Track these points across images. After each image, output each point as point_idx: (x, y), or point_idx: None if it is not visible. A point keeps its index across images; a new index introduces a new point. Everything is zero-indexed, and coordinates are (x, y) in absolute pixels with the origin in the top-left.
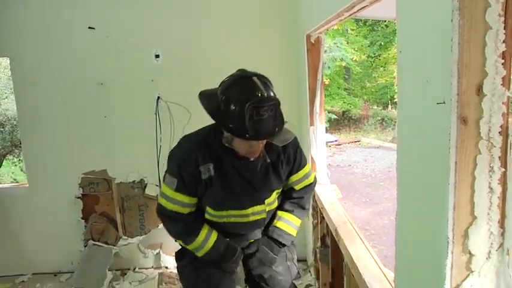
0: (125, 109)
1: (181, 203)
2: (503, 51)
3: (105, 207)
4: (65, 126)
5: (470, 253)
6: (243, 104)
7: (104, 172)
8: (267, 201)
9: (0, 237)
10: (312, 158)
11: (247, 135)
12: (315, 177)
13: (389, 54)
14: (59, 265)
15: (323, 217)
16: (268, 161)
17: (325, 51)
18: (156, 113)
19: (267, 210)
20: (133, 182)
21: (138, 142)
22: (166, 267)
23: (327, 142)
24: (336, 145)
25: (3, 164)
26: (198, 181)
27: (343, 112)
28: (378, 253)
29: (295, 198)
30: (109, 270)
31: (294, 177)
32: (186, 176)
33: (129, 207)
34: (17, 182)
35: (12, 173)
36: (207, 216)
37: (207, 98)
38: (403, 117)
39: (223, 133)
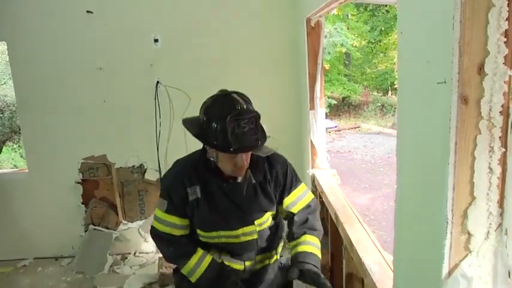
0: (124, 94)
1: (173, 224)
2: (505, 30)
3: (105, 192)
4: (64, 112)
5: (469, 233)
6: (224, 119)
7: (103, 157)
8: (257, 222)
9: (2, 222)
10: (311, 142)
11: (231, 149)
12: (314, 199)
13: (389, 40)
14: (60, 250)
15: (322, 201)
16: (254, 181)
17: (326, 36)
18: (155, 98)
19: (257, 230)
20: (133, 166)
21: (138, 127)
22: None
23: (326, 128)
24: (335, 131)
25: (3, 150)
26: (186, 203)
27: (343, 98)
28: (378, 238)
29: (300, 224)
30: (109, 255)
31: (288, 200)
32: (175, 197)
33: (129, 192)
34: (17, 168)
35: (12, 159)
36: (200, 237)
37: (190, 123)
38: (404, 99)
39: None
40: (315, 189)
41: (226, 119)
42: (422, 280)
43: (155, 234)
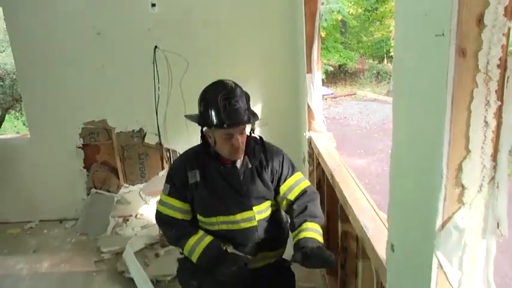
0: (123, 59)
1: (174, 207)
2: None
3: (106, 156)
4: (63, 77)
5: (463, 186)
6: (216, 99)
7: (103, 122)
8: (255, 208)
9: (8, 186)
10: (308, 106)
11: (224, 125)
12: (311, 186)
13: (386, 8)
14: (64, 213)
15: (319, 163)
16: (250, 166)
17: (322, 3)
18: (153, 63)
19: (256, 218)
20: (133, 131)
21: (137, 92)
22: None
23: (323, 95)
24: (332, 98)
25: (6, 118)
26: (186, 186)
27: (339, 66)
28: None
29: (299, 212)
30: (112, 217)
31: (284, 187)
32: (176, 181)
33: (129, 156)
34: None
35: (15, 126)
36: (201, 225)
37: (191, 116)
38: (400, 53)
39: (208, 143)
40: (312, 151)
41: (218, 97)
42: (416, 234)
43: (159, 217)
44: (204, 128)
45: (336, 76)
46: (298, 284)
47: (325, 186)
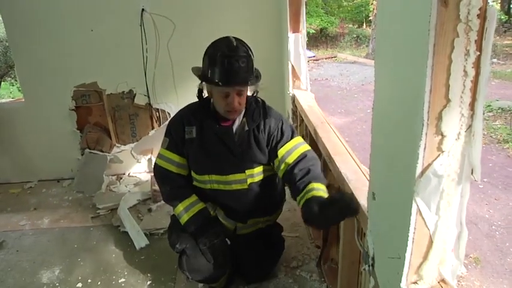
0: (111, 22)
1: (171, 160)
2: None
3: (97, 117)
4: (54, 42)
5: (442, 134)
6: (216, 55)
7: (94, 84)
8: (248, 171)
9: (7, 148)
10: (292, 65)
11: (220, 83)
12: (311, 150)
13: None
14: (61, 172)
15: (302, 120)
16: (247, 128)
17: None
18: (140, 25)
19: (248, 181)
20: (123, 92)
21: (125, 54)
22: None
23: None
24: (313, 60)
25: (1, 86)
26: (183, 141)
27: (321, 29)
28: None
29: (303, 175)
30: (106, 175)
31: (283, 150)
32: (174, 135)
33: (120, 117)
34: None
35: (11, 92)
36: (194, 183)
37: (196, 69)
38: (384, 3)
39: (208, 101)
40: (295, 108)
41: (217, 54)
42: (397, 181)
43: (156, 170)
44: (204, 83)
45: (317, 39)
46: (284, 235)
47: (308, 141)
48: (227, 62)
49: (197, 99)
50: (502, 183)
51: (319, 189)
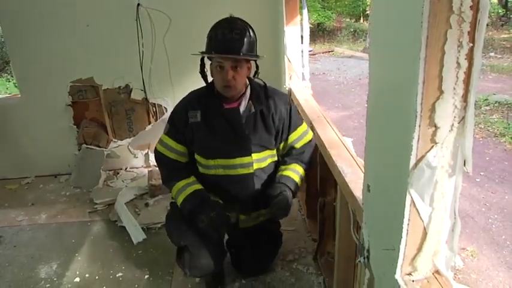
0: (106, 17)
1: (169, 147)
2: None
3: (94, 113)
4: (49, 37)
5: (435, 126)
6: (213, 28)
7: (90, 79)
8: (254, 155)
9: (4, 145)
10: (287, 58)
11: (213, 52)
12: (313, 137)
13: None
14: (58, 168)
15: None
16: (253, 110)
17: None
18: (136, 20)
19: (254, 166)
20: (119, 87)
21: (121, 49)
22: (155, 166)
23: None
24: (311, 55)
25: None
26: (186, 126)
27: (318, 24)
28: None
29: (295, 154)
30: (103, 171)
31: (293, 136)
32: (176, 121)
33: (117, 112)
34: None
35: (7, 88)
36: (199, 169)
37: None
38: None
39: (213, 85)
40: (291, 102)
41: (216, 26)
42: (391, 173)
43: (156, 155)
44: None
45: (314, 34)
46: (281, 228)
47: None
48: (221, 33)
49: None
50: (499, 177)
51: (294, 171)
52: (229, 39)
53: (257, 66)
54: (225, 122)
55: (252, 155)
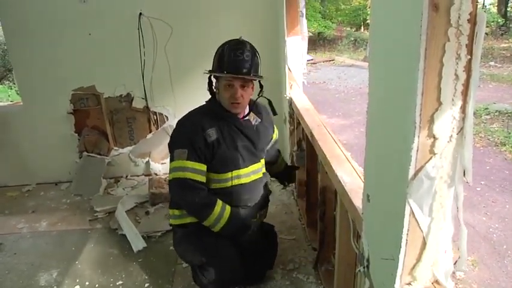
0: (109, 26)
1: (194, 169)
2: None
3: (95, 121)
4: (52, 46)
5: (434, 137)
6: (224, 48)
7: (92, 88)
8: (262, 160)
9: (6, 152)
10: (288, 68)
11: (225, 72)
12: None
13: None
14: (59, 175)
15: (299, 122)
16: (259, 120)
17: None
18: (138, 29)
19: (262, 170)
20: (121, 96)
21: (123, 57)
22: (156, 174)
23: None
24: (311, 64)
25: (0, 89)
26: (206, 146)
27: (319, 33)
28: None
29: (276, 153)
30: (103, 178)
31: (274, 136)
32: (196, 143)
33: (118, 120)
34: None
35: (9, 95)
36: (213, 185)
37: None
38: (376, 7)
39: (214, 103)
40: (292, 111)
41: (225, 47)
42: (390, 183)
43: (178, 184)
44: (214, 82)
45: (315, 43)
46: (281, 237)
47: (305, 143)
48: (233, 54)
49: (193, 106)
50: (499, 186)
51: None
52: (241, 60)
53: (261, 86)
54: (241, 134)
55: (261, 160)
